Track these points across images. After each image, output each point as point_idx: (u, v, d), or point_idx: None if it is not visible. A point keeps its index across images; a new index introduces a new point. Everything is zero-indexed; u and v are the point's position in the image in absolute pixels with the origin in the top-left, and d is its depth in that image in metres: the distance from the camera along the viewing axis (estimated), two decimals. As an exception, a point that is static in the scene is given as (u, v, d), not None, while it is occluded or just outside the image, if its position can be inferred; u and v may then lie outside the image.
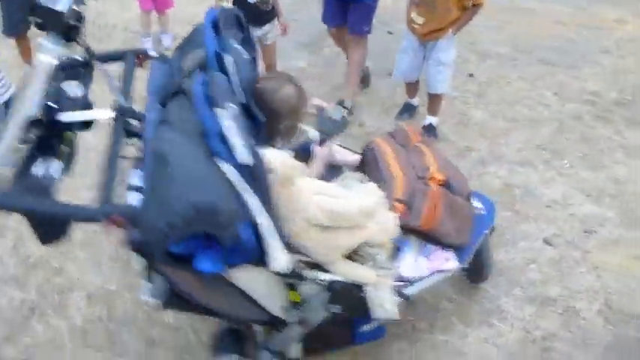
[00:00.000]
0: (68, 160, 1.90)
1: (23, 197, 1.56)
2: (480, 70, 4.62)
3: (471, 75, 4.52)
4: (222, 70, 1.93)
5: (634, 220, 3.20)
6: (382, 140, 2.49)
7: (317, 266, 1.90)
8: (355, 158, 2.53)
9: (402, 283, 2.17)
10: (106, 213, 1.49)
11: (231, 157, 1.48)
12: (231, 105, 1.74)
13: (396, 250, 2.21)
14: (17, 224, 3.08)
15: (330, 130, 2.43)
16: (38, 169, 1.75)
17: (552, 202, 3.33)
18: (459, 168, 2.58)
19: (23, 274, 2.86)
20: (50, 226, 1.66)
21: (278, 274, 1.80)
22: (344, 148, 2.59)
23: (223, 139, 1.48)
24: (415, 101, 4.05)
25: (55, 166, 1.78)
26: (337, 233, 1.86)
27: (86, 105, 1.93)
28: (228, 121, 1.49)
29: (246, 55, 2.16)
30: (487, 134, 3.90)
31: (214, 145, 1.49)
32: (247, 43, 2.32)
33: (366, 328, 2.30)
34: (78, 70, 1.95)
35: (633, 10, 5.51)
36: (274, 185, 1.72)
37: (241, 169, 1.49)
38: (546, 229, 3.14)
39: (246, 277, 1.77)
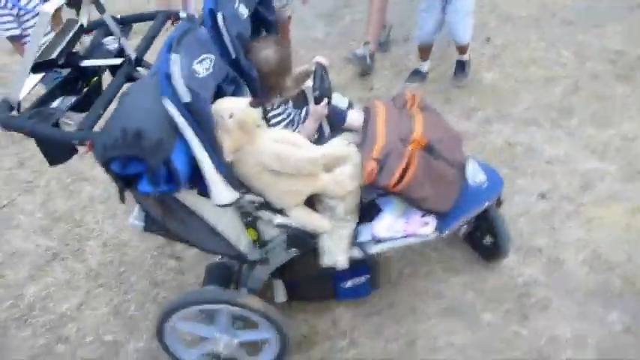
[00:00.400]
0: (90, 100, 2.16)
1: (23, 120, 1.81)
2: (499, 33, 4.59)
3: (488, 39, 4.51)
4: (217, 26, 2.13)
5: (634, 176, 3.18)
6: (380, 103, 2.53)
7: (276, 209, 2.05)
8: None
9: (370, 240, 2.25)
10: (79, 137, 1.73)
11: (174, 96, 1.67)
12: (207, 56, 1.93)
13: (377, 210, 2.32)
14: (47, 183, 3.42)
15: (326, 90, 2.51)
16: (54, 103, 2.02)
17: (553, 159, 3.34)
18: (458, 132, 2.55)
19: (49, 225, 3.19)
20: (55, 150, 1.89)
21: (242, 212, 1.99)
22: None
23: (170, 80, 1.67)
24: (426, 66, 4.10)
25: (70, 102, 2.05)
26: (288, 179, 1.98)
27: (120, 56, 2.21)
28: (176, 65, 1.67)
29: (244, 14, 2.33)
30: (496, 95, 3.91)
31: (161, 84, 1.68)
32: (267, 4, 2.49)
33: (349, 284, 2.44)
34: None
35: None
36: (234, 129, 1.90)
37: (183, 107, 1.68)
38: (542, 184, 3.17)
39: (209, 209, 1.95)
